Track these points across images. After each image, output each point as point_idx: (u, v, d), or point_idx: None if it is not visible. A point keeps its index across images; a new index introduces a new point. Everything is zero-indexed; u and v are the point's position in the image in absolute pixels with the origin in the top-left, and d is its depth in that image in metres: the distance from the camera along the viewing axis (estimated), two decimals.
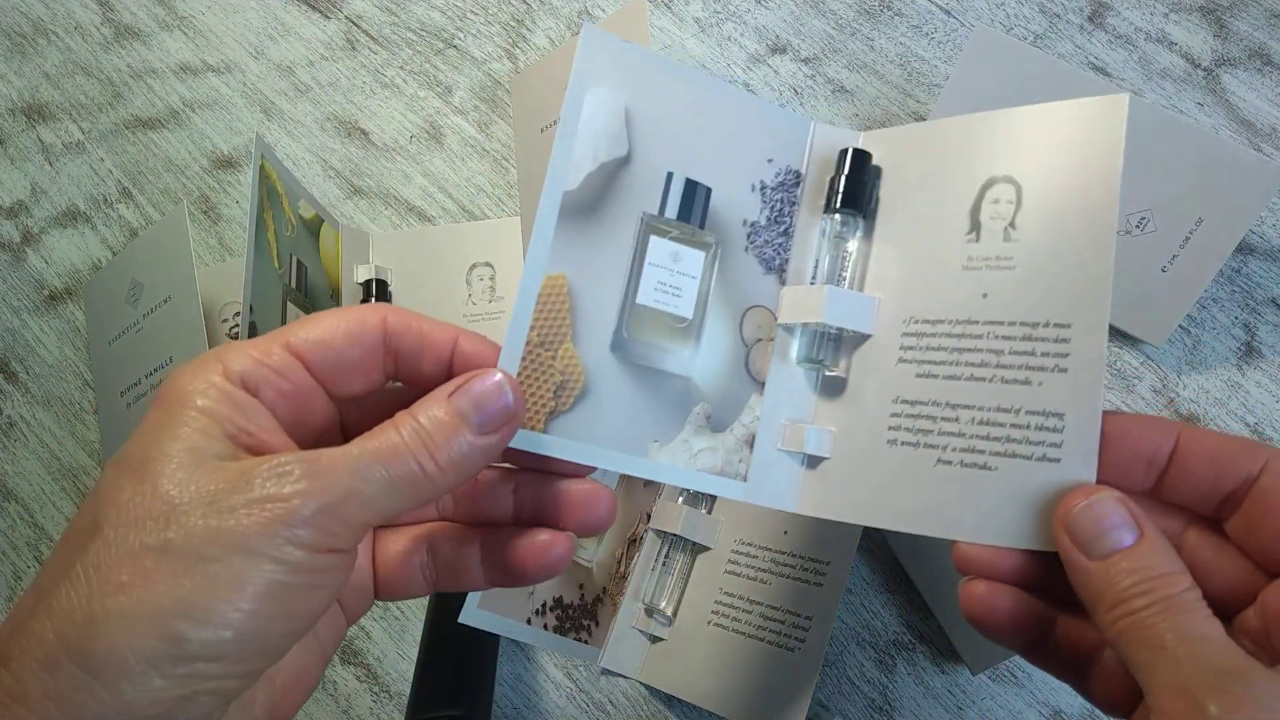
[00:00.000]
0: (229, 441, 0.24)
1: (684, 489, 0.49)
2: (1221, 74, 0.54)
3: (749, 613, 0.45)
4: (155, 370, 0.51)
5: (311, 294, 0.53)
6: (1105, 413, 0.26)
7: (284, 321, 0.50)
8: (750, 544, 0.47)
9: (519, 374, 0.29)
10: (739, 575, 0.46)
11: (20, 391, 0.59)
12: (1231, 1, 0.55)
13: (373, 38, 0.63)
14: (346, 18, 0.64)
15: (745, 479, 0.31)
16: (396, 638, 0.51)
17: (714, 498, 0.49)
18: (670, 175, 0.33)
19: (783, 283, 0.33)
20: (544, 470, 0.30)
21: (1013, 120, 0.30)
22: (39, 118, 0.64)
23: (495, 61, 0.62)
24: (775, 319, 0.33)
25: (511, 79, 0.60)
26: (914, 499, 0.29)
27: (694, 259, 0.34)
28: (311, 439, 0.27)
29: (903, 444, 0.30)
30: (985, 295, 0.29)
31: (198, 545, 0.21)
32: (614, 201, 0.31)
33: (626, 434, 0.31)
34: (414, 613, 0.52)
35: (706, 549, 0.48)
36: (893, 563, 0.49)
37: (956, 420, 0.29)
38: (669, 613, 0.47)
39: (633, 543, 0.49)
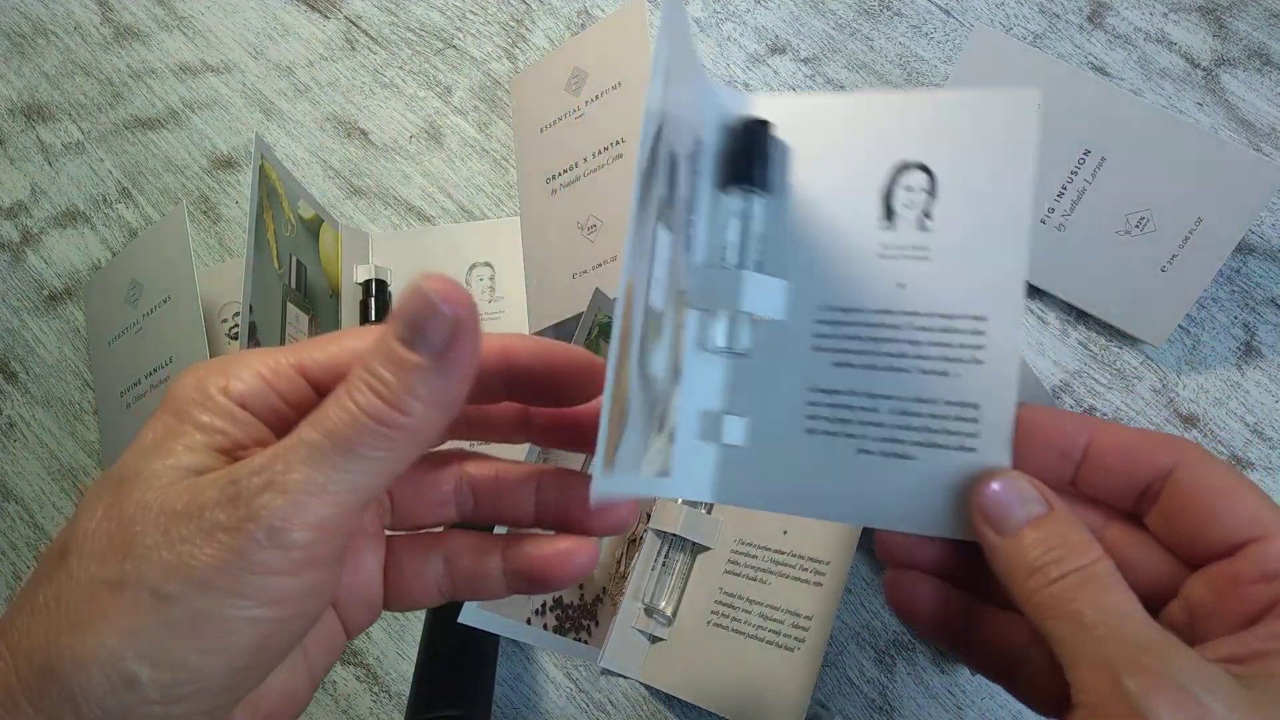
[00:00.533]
0: (217, 455, 0.22)
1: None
2: (1221, 74, 0.54)
3: (749, 613, 0.45)
4: (155, 370, 0.51)
5: (311, 294, 0.53)
6: (1023, 406, 0.27)
7: (284, 322, 0.50)
8: (750, 544, 0.47)
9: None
10: (739, 575, 0.46)
11: (20, 391, 0.58)
12: (1231, 1, 0.55)
13: (372, 38, 0.63)
14: (346, 18, 0.64)
15: (668, 473, 0.30)
16: (396, 638, 0.51)
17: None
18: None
19: (692, 264, 0.31)
20: (564, 441, 0.28)
21: (925, 105, 0.29)
22: (39, 118, 0.64)
23: (495, 61, 0.62)
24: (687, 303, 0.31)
25: (511, 79, 0.60)
26: (834, 488, 0.29)
27: None
28: None
29: (822, 433, 0.29)
30: (902, 285, 0.29)
31: (153, 580, 0.20)
32: None
33: None
34: (414, 613, 0.52)
35: (706, 549, 0.48)
36: None
37: (876, 410, 0.29)
38: (669, 613, 0.47)
39: (632, 543, 0.49)
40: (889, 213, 0.30)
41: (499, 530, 0.30)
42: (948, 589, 0.28)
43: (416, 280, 0.21)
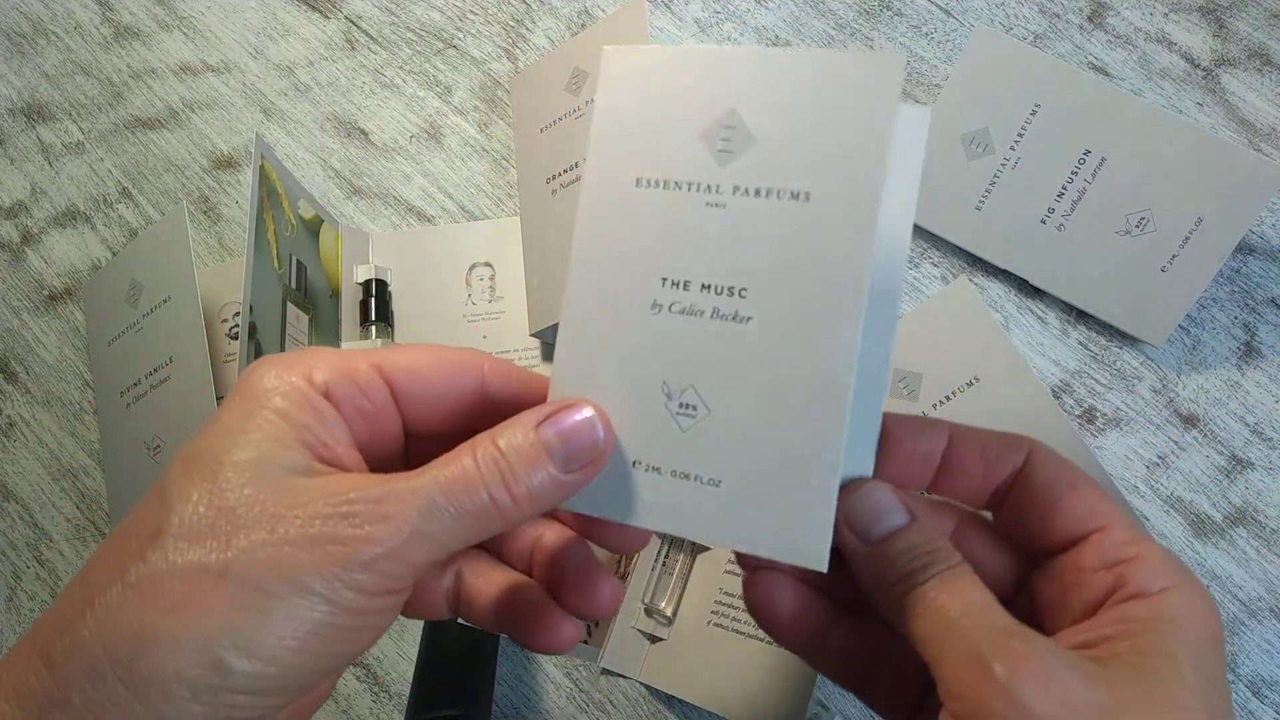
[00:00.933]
0: (305, 450, 0.23)
1: None
2: (1221, 74, 0.54)
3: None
4: (155, 370, 0.51)
5: (311, 294, 0.53)
6: (886, 415, 0.27)
7: (284, 322, 0.50)
8: None
9: None
10: (739, 575, 0.46)
11: (20, 391, 0.58)
12: (1231, 1, 0.55)
13: (372, 38, 0.63)
14: (346, 18, 0.64)
15: None
16: (396, 638, 0.51)
17: None
18: None
19: None
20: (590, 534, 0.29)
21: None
22: (39, 118, 0.64)
23: (495, 61, 0.62)
24: None
25: (511, 79, 0.60)
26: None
27: None
28: (376, 464, 0.26)
29: None
30: None
31: (257, 575, 0.21)
32: None
33: None
34: None
35: (706, 549, 0.48)
36: None
37: None
38: (669, 613, 0.47)
39: None
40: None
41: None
42: (806, 593, 0.29)
43: (588, 409, 0.25)
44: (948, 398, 0.48)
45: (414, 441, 0.28)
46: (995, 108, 0.51)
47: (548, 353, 0.55)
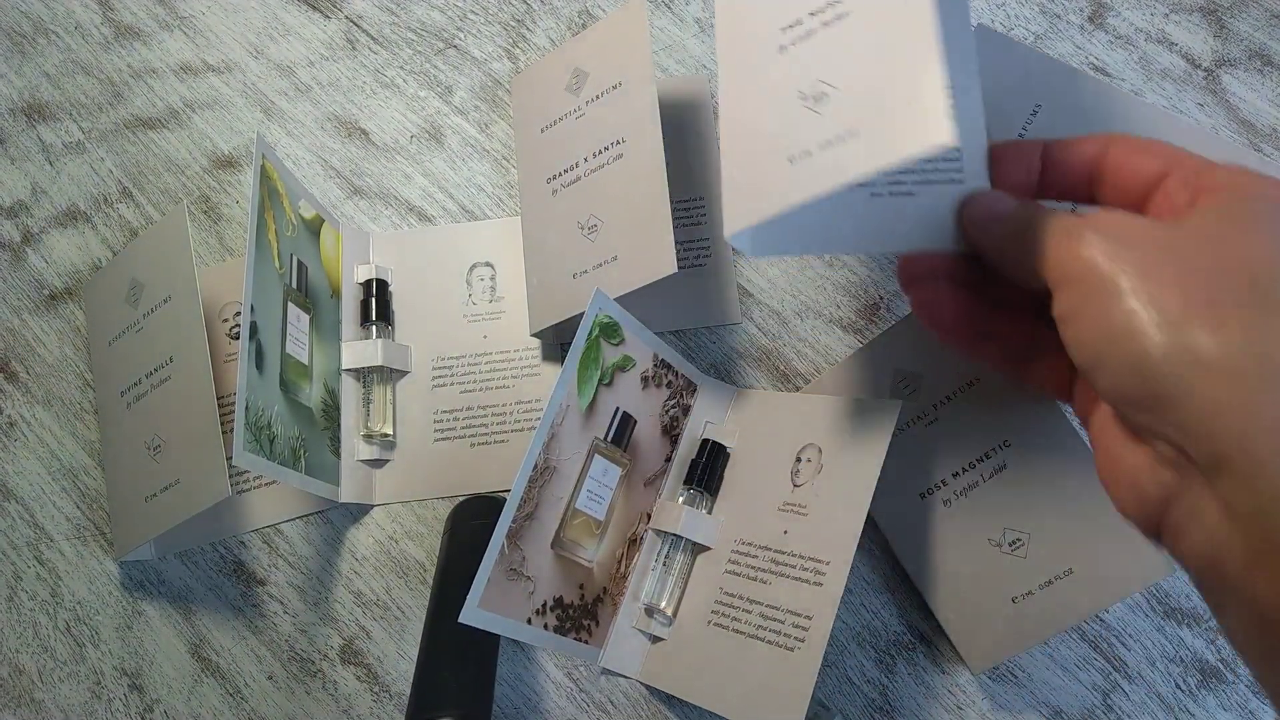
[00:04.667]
0: None
1: (685, 488, 0.49)
2: (1221, 74, 0.54)
3: (749, 613, 0.45)
4: (155, 370, 0.51)
5: (312, 294, 0.53)
6: (992, 142, 0.35)
7: (284, 322, 0.50)
8: (750, 544, 0.47)
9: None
10: (739, 575, 0.46)
11: (20, 391, 0.58)
12: (1231, 2, 0.56)
13: (373, 38, 0.63)
14: (346, 18, 0.64)
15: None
16: (396, 638, 0.51)
17: (714, 497, 0.49)
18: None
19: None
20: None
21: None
22: (39, 118, 0.64)
23: (495, 61, 0.62)
24: None
25: (512, 79, 0.60)
26: (854, 227, 0.36)
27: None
28: None
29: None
30: None
31: None
32: None
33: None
34: (414, 612, 0.52)
35: (706, 549, 0.48)
36: (893, 562, 0.49)
37: None
38: (669, 613, 0.47)
39: (633, 543, 0.49)
40: None
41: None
42: (962, 293, 0.36)
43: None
44: (948, 398, 0.48)
45: None
46: (995, 108, 0.51)
47: (548, 353, 0.55)
